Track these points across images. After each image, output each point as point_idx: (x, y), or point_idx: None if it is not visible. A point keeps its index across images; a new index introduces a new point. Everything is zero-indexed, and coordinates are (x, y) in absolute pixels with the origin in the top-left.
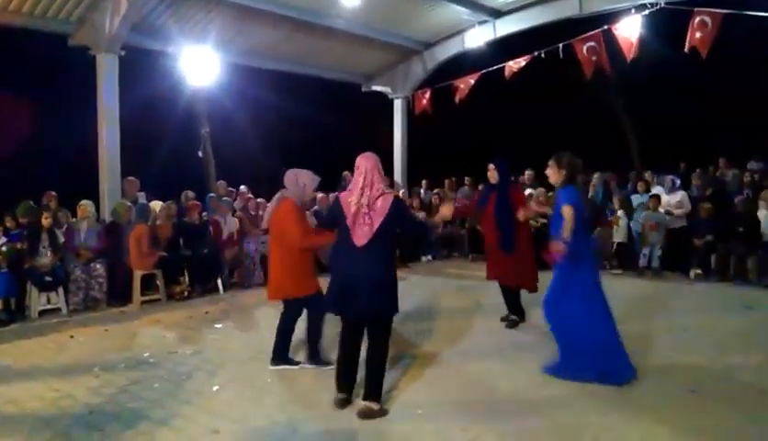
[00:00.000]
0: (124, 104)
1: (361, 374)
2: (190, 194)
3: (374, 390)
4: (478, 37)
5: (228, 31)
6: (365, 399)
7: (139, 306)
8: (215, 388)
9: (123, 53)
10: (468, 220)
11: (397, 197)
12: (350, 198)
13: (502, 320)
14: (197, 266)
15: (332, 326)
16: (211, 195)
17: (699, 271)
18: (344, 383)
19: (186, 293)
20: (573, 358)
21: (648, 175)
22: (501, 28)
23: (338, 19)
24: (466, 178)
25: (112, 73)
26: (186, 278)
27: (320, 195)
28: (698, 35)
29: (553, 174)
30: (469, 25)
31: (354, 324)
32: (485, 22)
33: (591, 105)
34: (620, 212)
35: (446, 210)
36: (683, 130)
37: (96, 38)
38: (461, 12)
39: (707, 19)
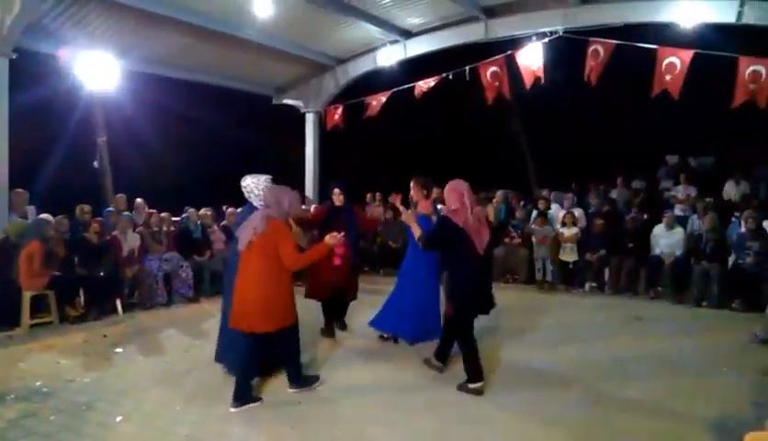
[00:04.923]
0: (11, 110)
1: None
2: (86, 208)
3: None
4: (389, 55)
5: (130, 38)
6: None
7: (28, 330)
8: (118, 419)
9: (15, 56)
10: (379, 236)
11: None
12: (459, 218)
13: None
14: (93, 286)
15: None
16: (110, 209)
17: (594, 284)
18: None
19: (80, 315)
20: (391, 316)
21: (545, 192)
22: (411, 48)
23: (249, 30)
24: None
25: (2, 76)
26: (82, 299)
27: (230, 209)
28: (591, 64)
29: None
30: (381, 44)
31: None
32: (396, 42)
33: (495, 126)
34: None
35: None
36: (574, 152)
37: None
38: (374, 31)
39: (600, 49)
